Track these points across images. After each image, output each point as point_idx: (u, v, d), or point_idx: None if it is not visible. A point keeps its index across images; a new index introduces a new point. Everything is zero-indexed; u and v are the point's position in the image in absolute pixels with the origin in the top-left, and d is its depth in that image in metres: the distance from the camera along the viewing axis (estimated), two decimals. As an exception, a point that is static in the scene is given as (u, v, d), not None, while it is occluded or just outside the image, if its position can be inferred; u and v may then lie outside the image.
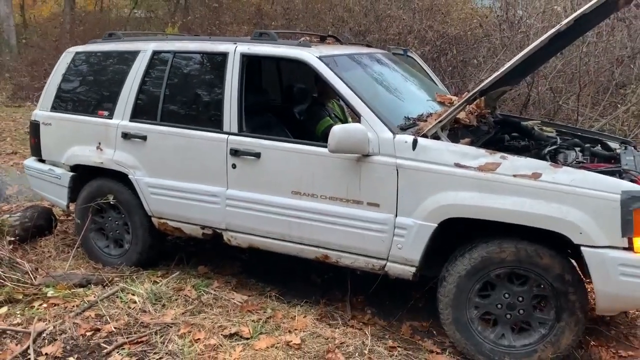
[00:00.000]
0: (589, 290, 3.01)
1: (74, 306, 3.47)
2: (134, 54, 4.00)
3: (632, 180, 2.82)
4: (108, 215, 4.22)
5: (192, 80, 3.90)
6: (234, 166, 3.55)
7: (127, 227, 4.15)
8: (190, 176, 3.72)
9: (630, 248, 2.66)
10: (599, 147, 3.68)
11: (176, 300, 3.58)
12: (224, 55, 3.66)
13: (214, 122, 3.64)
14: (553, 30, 2.77)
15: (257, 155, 3.45)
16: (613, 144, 3.79)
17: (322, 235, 3.35)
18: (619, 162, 3.21)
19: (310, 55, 3.42)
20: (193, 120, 3.77)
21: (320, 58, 3.40)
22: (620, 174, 2.91)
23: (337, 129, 3.07)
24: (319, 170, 3.30)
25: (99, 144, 4.05)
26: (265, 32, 3.70)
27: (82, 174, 4.22)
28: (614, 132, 7.05)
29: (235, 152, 3.52)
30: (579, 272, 2.97)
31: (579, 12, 2.67)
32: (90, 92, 4.23)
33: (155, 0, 20.42)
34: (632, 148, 3.72)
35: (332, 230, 3.31)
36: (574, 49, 7.65)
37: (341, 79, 3.33)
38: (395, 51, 4.88)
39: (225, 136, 3.56)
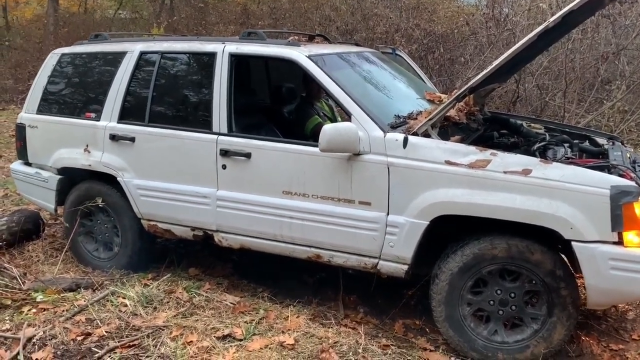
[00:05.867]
0: (579, 284, 3.02)
1: (63, 311, 3.42)
2: (121, 55, 3.96)
3: (620, 175, 2.85)
4: (97, 218, 4.18)
5: (181, 80, 3.87)
6: (224, 167, 3.52)
7: (117, 230, 4.10)
8: (180, 177, 3.69)
9: (620, 242, 2.69)
10: (587, 143, 3.71)
11: (168, 302, 3.55)
12: (212, 55, 3.63)
13: (204, 123, 3.61)
14: (541, 27, 2.78)
15: (248, 155, 3.43)
16: (600, 140, 3.82)
17: (314, 234, 3.34)
18: (607, 158, 3.24)
19: (299, 54, 3.40)
20: (182, 121, 3.74)
21: (309, 57, 3.39)
22: (609, 169, 2.93)
23: (328, 128, 3.06)
24: (310, 170, 3.29)
25: (87, 146, 4.00)
26: (254, 32, 3.68)
27: (70, 177, 4.17)
28: (600, 128, 7.13)
29: (225, 153, 3.49)
30: (570, 267, 2.99)
31: (566, 8, 2.68)
32: (77, 94, 4.18)
33: (140, 1, 20.24)
34: (619, 143, 3.75)
35: (324, 229, 3.30)
36: (559, 45, 7.71)
37: (331, 77, 3.32)
38: (384, 50, 4.89)
39: (215, 137, 3.54)
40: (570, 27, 3.64)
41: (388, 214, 3.14)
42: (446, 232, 3.15)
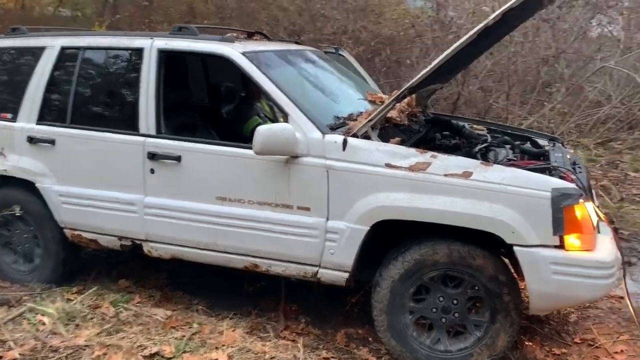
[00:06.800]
0: (522, 288, 2.96)
1: (-29, 332, 3.10)
2: (40, 50, 3.65)
3: (561, 177, 2.80)
4: (15, 228, 3.83)
5: (105, 78, 3.60)
6: (152, 171, 3.28)
7: (38, 241, 3.77)
8: (105, 183, 3.43)
9: (561, 246, 2.63)
10: (528, 145, 3.68)
11: (92, 319, 3.29)
12: (139, 51, 3.38)
13: (130, 124, 3.36)
14: (481, 25, 2.71)
15: (177, 158, 3.21)
16: (542, 141, 3.81)
17: (251, 243, 3.15)
18: (548, 159, 3.20)
19: (232, 51, 3.21)
20: (107, 122, 3.48)
21: (244, 54, 3.20)
22: (550, 171, 2.88)
23: (263, 129, 2.88)
24: (245, 174, 3.11)
25: (2, 149, 3.67)
26: (185, 27, 3.46)
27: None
28: (541, 129, 7.24)
29: (153, 156, 3.26)
30: (513, 271, 2.92)
31: (506, 6, 2.62)
32: (-9, 93, 3.83)
33: (81, -1, 19.43)
34: (560, 145, 3.75)
35: (261, 237, 3.12)
36: (502, 49, 7.83)
37: (267, 76, 3.14)
38: (327, 49, 4.76)
39: (142, 139, 3.30)
40: (511, 26, 3.60)
41: (327, 220, 2.99)
42: (388, 238, 3.03)
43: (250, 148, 2.96)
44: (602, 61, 7.88)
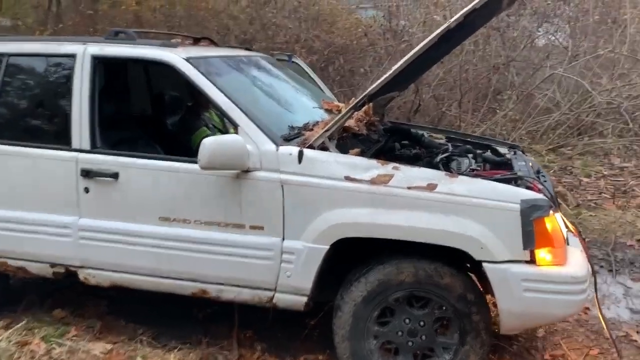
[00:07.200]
0: (489, 304, 2.80)
1: None
2: (-44, 58, 3.26)
3: (528, 187, 2.66)
4: None
5: (33, 88, 3.24)
6: (86, 190, 2.97)
7: (-42, 270, 3.36)
8: (33, 204, 3.08)
9: (532, 261, 2.48)
10: (489, 153, 3.56)
11: (19, 358, 2.91)
12: (71, 58, 3.07)
13: (61, 138, 3.04)
14: (443, 27, 2.56)
15: (115, 175, 2.91)
16: (502, 149, 3.70)
17: (199, 267, 2.88)
18: (511, 168, 3.08)
19: (174, 56, 2.94)
20: (35, 136, 3.14)
21: (188, 60, 2.94)
22: (516, 181, 2.75)
23: (209, 142, 2.62)
24: (190, 191, 2.84)
25: None
26: (122, 31, 3.18)
27: None
28: (494, 136, 7.25)
29: (87, 173, 2.94)
30: (480, 287, 2.76)
31: (469, 7, 2.47)
32: None
33: (22, 7, 18.54)
34: (521, 152, 3.65)
35: (209, 260, 2.85)
36: (453, 57, 7.84)
37: (214, 83, 2.89)
38: (279, 57, 4.55)
39: (75, 154, 2.98)
40: (469, 31, 3.49)
41: (283, 239, 2.76)
42: (351, 255, 2.82)
43: (196, 162, 2.69)
44: (551, 69, 8.01)
